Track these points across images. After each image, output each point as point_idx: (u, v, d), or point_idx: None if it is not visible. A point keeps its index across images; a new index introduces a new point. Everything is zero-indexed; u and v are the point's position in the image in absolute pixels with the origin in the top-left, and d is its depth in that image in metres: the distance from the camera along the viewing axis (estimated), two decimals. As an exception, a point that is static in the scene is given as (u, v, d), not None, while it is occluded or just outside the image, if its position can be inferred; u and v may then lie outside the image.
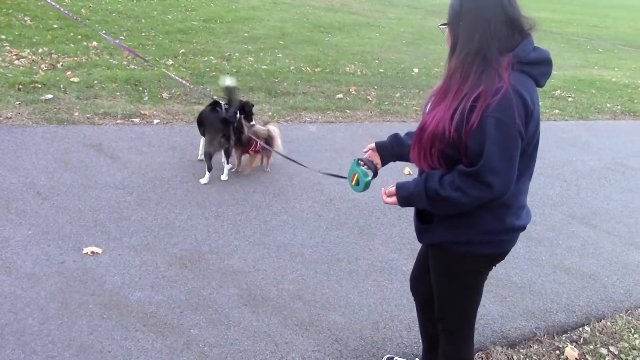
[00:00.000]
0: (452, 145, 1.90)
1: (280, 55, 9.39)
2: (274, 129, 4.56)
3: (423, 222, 2.19)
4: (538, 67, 1.96)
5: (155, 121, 5.53)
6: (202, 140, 4.62)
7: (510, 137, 1.85)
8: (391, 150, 2.33)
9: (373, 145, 2.35)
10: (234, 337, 2.79)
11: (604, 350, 3.07)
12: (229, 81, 4.49)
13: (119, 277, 3.12)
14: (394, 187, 2.09)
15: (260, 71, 8.01)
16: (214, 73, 7.44)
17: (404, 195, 2.07)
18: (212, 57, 8.47)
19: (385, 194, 2.12)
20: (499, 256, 2.15)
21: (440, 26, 2.06)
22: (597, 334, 3.21)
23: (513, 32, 1.93)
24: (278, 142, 4.57)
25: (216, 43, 9.57)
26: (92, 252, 3.30)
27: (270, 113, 6.30)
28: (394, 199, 2.09)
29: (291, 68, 8.50)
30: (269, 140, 4.51)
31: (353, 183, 2.31)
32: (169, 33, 9.69)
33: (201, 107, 5.96)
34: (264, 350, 2.74)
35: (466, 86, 1.87)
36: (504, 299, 3.42)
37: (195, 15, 11.86)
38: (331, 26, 13.18)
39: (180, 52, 8.46)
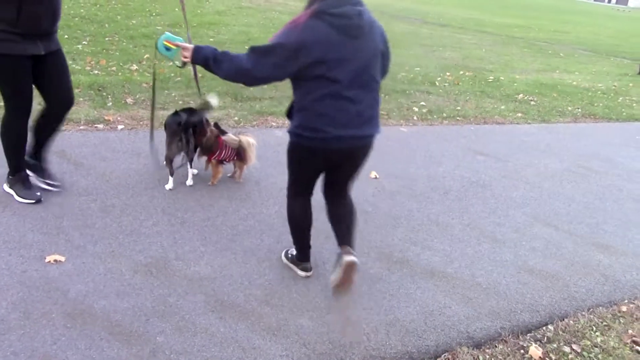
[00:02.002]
0: None
1: (246, 60, 9.35)
2: (247, 140, 4.48)
3: (288, 117, 3.07)
4: (338, 19, 2.74)
5: (120, 127, 5.47)
6: None
7: (279, 48, 2.74)
8: None
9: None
10: (200, 344, 2.77)
11: (567, 349, 3.13)
12: (213, 101, 4.38)
13: (82, 285, 3.07)
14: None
15: (226, 76, 7.97)
16: (179, 78, 7.39)
17: (202, 52, 2.99)
18: (177, 62, 8.40)
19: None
20: (312, 151, 3.01)
21: None
22: (560, 332, 3.28)
23: None
24: (250, 155, 4.49)
25: (181, 48, 9.49)
26: (55, 261, 3.24)
27: (236, 118, 6.28)
28: (189, 53, 3.03)
29: (257, 73, 8.48)
30: (240, 151, 4.47)
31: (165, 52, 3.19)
32: (133, 38, 9.59)
33: (166, 113, 5.91)
34: (231, 357, 2.72)
35: None
36: (470, 300, 3.47)
37: (160, 20, 11.76)
38: (297, 31, 13.19)
39: (145, 57, 8.38)
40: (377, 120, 3.04)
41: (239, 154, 4.48)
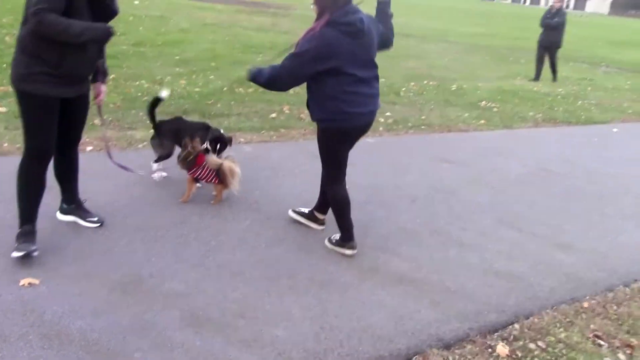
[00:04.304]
0: None
1: (212, 77, 9.43)
2: (229, 166, 4.47)
3: (307, 107, 3.84)
4: (345, 27, 3.48)
5: (88, 148, 5.49)
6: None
7: (297, 59, 3.58)
8: None
9: None
10: (178, 359, 2.83)
11: (532, 346, 3.25)
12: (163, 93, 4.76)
13: (58, 306, 3.10)
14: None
15: (193, 94, 8.04)
16: (145, 97, 7.42)
17: (253, 71, 3.72)
18: (143, 82, 8.44)
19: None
20: (345, 131, 3.78)
21: (311, 6, 3.64)
22: (526, 330, 3.40)
23: (343, 4, 3.51)
24: (230, 181, 4.49)
25: (147, 67, 9.54)
26: (30, 284, 3.26)
27: (205, 135, 6.32)
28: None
29: (224, 89, 8.56)
30: (220, 175, 4.49)
31: None
32: (98, 58, 9.56)
33: (134, 133, 5.95)
34: (209, 369, 2.78)
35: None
36: (438, 304, 3.57)
37: (124, 39, 11.75)
38: (262, 46, 13.31)
39: (111, 77, 8.38)
40: (379, 93, 3.87)
41: (217, 176, 4.52)
